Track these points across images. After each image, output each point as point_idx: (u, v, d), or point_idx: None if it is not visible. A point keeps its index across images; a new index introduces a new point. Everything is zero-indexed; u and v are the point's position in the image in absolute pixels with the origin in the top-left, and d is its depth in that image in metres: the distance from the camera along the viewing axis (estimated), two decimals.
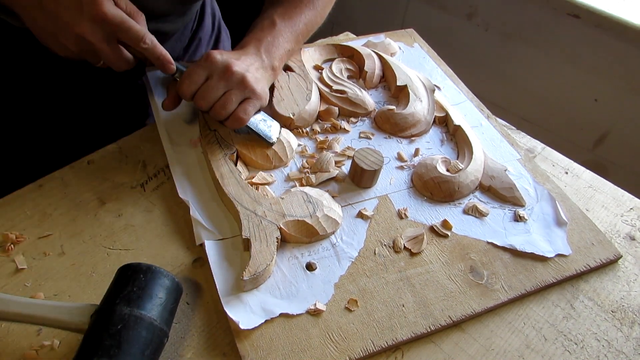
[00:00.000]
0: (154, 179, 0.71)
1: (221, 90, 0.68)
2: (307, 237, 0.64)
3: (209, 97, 0.68)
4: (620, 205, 0.77)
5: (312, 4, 0.81)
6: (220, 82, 0.68)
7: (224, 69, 0.68)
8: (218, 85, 0.68)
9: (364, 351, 0.56)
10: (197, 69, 0.68)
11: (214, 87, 0.68)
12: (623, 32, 1.37)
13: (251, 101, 0.70)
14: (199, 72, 0.68)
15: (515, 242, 0.67)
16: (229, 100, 0.68)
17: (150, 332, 0.50)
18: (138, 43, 0.63)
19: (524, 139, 0.87)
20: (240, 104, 0.70)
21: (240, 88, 0.69)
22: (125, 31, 0.61)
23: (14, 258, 0.61)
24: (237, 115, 0.69)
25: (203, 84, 0.68)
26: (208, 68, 0.68)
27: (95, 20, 0.59)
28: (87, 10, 0.58)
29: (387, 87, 0.89)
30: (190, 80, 0.68)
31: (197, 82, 0.68)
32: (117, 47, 0.63)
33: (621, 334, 0.62)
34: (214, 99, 0.68)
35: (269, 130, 0.73)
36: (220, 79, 0.68)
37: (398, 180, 0.74)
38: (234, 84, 0.68)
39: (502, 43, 1.63)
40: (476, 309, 0.61)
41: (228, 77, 0.68)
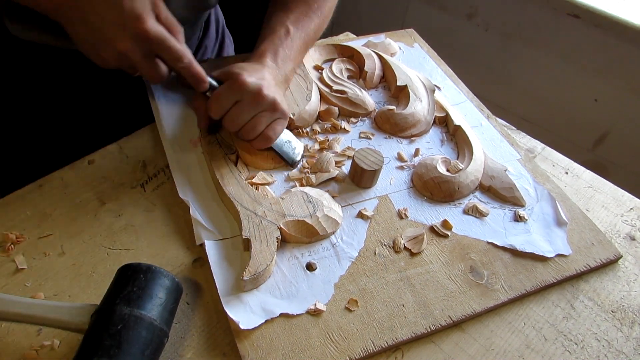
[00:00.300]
0: (154, 179, 0.71)
1: (251, 114, 0.68)
2: (307, 237, 0.64)
3: (239, 120, 0.68)
4: (620, 205, 0.77)
5: (320, 10, 0.82)
6: (251, 105, 0.67)
7: (255, 93, 0.67)
8: (249, 110, 0.67)
9: (364, 351, 0.56)
10: (226, 93, 0.67)
11: (244, 112, 0.67)
12: (623, 32, 1.37)
13: (280, 121, 0.71)
14: (228, 97, 0.67)
15: (516, 242, 0.67)
16: (260, 123, 0.68)
17: (151, 332, 0.50)
18: (176, 62, 0.63)
19: (524, 139, 0.87)
20: (269, 124, 0.70)
21: (271, 110, 0.69)
22: (165, 50, 0.62)
23: (14, 258, 0.61)
24: (265, 135, 0.69)
25: (232, 107, 0.67)
26: (238, 92, 0.67)
27: (137, 38, 0.59)
28: (130, 26, 0.59)
29: (387, 87, 0.90)
30: (219, 105, 0.67)
31: (225, 107, 0.67)
32: (155, 62, 0.63)
33: (621, 334, 0.62)
34: (243, 122, 0.68)
35: (292, 152, 0.73)
36: (251, 103, 0.67)
37: (398, 180, 0.74)
38: (265, 107, 0.68)
39: (502, 43, 1.63)
40: (476, 309, 0.61)
41: (259, 101, 0.67)
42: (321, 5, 0.82)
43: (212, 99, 0.67)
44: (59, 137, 0.89)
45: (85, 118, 0.88)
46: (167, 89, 0.81)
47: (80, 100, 0.87)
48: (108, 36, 0.59)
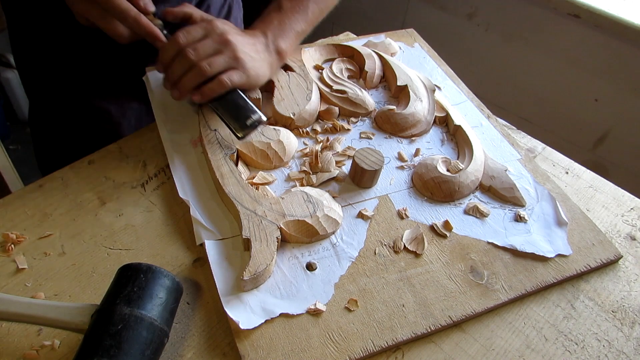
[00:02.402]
0: (154, 179, 0.71)
1: (213, 50, 0.67)
2: (308, 237, 0.64)
3: (201, 50, 0.67)
4: (621, 205, 0.77)
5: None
6: (214, 44, 0.68)
7: (221, 34, 0.68)
8: (212, 45, 0.67)
9: (364, 351, 0.56)
10: (196, 26, 0.68)
11: (207, 45, 0.67)
12: (623, 32, 1.37)
13: (238, 72, 0.69)
14: (197, 29, 0.68)
15: (516, 242, 0.67)
16: (217, 61, 0.67)
17: (151, 332, 0.50)
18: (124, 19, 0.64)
19: (524, 139, 0.87)
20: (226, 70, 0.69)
21: (231, 56, 0.68)
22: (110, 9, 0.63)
23: (14, 258, 0.61)
24: (220, 79, 0.68)
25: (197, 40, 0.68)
26: (206, 29, 0.68)
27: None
28: None
29: (388, 87, 0.89)
30: (188, 33, 0.67)
31: (194, 37, 0.68)
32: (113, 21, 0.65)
33: (622, 334, 0.62)
34: (205, 54, 0.67)
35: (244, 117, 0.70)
36: (215, 42, 0.68)
37: (398, 180, 0.74)
38: (227, 52, 0.68)
39: (503, 43, 1.63)
40: (476, 309, 0.61)
41: (222, 42, 0.68)
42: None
43: (180, 30, 0.68)
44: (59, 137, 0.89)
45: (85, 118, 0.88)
46: (165, 89, 0.81)
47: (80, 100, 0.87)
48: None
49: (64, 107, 0.88)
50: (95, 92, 0.87)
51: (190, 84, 0.68)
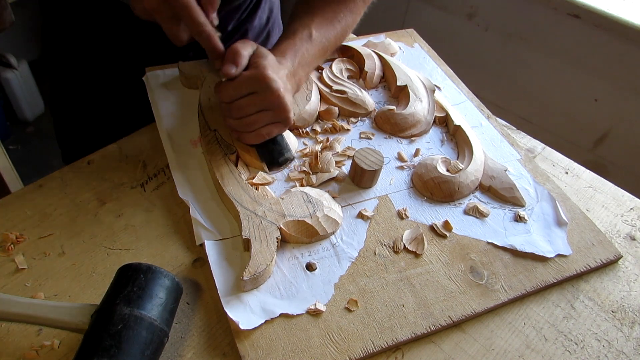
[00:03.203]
0: (154, 179, 0.71)
1: (258, 108, 0.66)
2: (307, 237, 0.64)
3: (246, 110, 0.66)
4: (621, 206, 0.77)
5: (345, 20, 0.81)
6: (264, 102, 0.66)
7: (273, 92, 0.65)
8: (260, 105, 0.66)
9: (364, 351, 0.56)
10: (247, 82, 0.65)
11: (255, 104, 0.66)
12: (623, 32, 1.37)
13: (280, 126, 0.69)
14: (247, 87, 0.65)
15: (516, 242, 0.67)
16: (262, 120, 0.67)
17: (151, 332, 0.50)
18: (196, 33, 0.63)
19: (524, 139, 0.87)
20: (268, 124, 0.68)
21: (278, 113, 0.67)
22: (186, 18, 0.61)
23: (14, 258, 0.61)
24: (259, 133, 0.68)
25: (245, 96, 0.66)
26: (258, 85, 0.65)
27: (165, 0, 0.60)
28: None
29: (387, 87, 0.90)
30: (235, 90, 0.66)
31: (240, 94, 0.66)
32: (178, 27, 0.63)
33: (621, 334, 0.62)
34: (248, 113, 0.66)
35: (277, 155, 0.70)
36: (265, 100, 0.66)
37: (398, 180, 0.74)
38: (275, 108, 0.66)
39: (503, 43, 1.63)
40: (476, 309, 0.61)
41: (273, 101, 0.66)
42: (346, 15, 0.81)
43: (230, 83, 0.66)
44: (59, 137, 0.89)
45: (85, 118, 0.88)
46: (167, 89, 0.81)
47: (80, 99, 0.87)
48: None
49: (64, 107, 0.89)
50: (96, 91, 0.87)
51: (233, 129, 0.70)
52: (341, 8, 0.80)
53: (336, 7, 0.80)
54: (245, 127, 0.67)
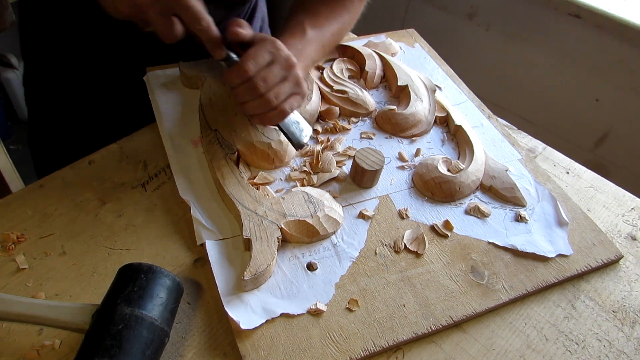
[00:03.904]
0: (155, 179, 0.71)
1: (280, 78, 0.65)
2: (308, 237, 0.64)
3: (270, 80, 0.64)
4: (622, 205, 0.77)
5: (340, 16, 0.80)
6: (283, 68, 0.65)
7: (287, 58, 0.65)
8: (279, 72, 0.65)
9: (365, 351, 0.56)
10: (262, 51, 0.64)
11: (276, 75, 0.65)
12: (624, 32, 1.37)
13: (298, 97, 0.68)
14: (264, 55, 0.64)
15: (516, 242, 0.67)
16: (283, 91, 0.66)
17: (151, 332, 0.50)
18: (193, 24, 0.60)
19: (525, 139, 0.87)
20: (287, 97, 0.67)
21: (294, 82, 0.67)
22: (184, 9, 0.59)
23: (15, 258, 0.61)
24: (281, 109, 0.66)
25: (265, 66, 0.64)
26: (274, 52, 0.65)
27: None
28: None
29: (388, 87, 0.89)
30: (255, 62, 0.63)
31: (261, 64, 0.64)
32: (171, 20, 0.60)
33: (622, 334, 0.62)
34: (273, 84, 0.65)
35: (300, 133, 0.70)
36: (284, 66, 0.65)
37: (399, 180, 0.74)
38: (292, 77, 0.66)
39: (503, 43, 1.63)
40: (477, 309, 0.60)
41: (290, 68, 0.65)
42: (342, 13, 0.80)
43: (247, 57, 0.63)
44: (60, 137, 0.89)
45: (86, 118, 0.88)
46: (168, 89, 0.81)
47: (81, 99, 0.87)
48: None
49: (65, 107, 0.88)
50: (96, 91, 0.87)
51: (255, 111, 0.67)
52: (337, 6, 0.80)
53: (331, 5, 0.79)
54: (270, 103, 0.65)
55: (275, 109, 0.66)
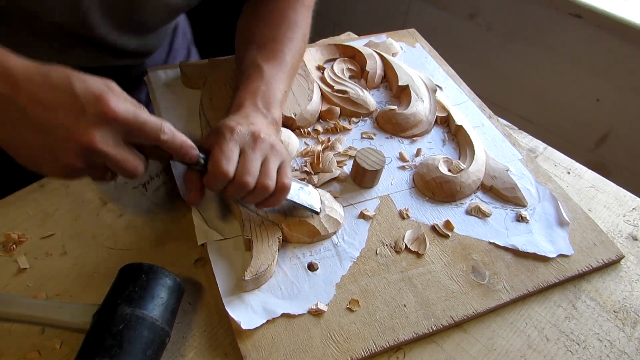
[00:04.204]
0: (156, 178, 0.71)
1: (259, 160, 0.59)
2: (309, 237, 0.64)
3: (253, 169, 0.57)
4: (623, 206, 0.77)
5: (291, 32, 0.75)
6: (256, 151, 0.58)
7: (252, 137, 0.59)
8: (256, 155, 0.58)
9: (366, 351, 0.56)
10: (228, 143, 0.57)
11: (253, 159, 0.58)
12: (625, 32, 1.36)
13: (287, 164, 0.62)
14: (232, 147, 0.57)
15: (517, 242, 0.67)
16: (271, 168, 0.59)
17: (152, 332, 0.50)
18: (157, 136, 0.50)
19: (525, 139, 0.87)
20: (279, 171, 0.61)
21: (274, 153, 0.60)
22: (141, 126, 0.49)
23: (16, 258, 0.61)
24: (281, 184, 0.59)
25: (239, 160, 0.58)
26: (238, 141, 0.57)
27: (105, 122, 0.46)
28: (93, 111, 0.46)
29: (389, 87, 0.89)
30: (227, 158, 0.56)
31: (234, 158, 0.57)
32: (130, 150, 0.50)
33: (623, 334, 0.62)
34: (256, 171, 0.58)
35: (310, 198, 0.65)
36: (255, 148, 0.58)
37: (400, 180, 0.74)
38: (268, 150, 0.59)
39: (504, 43, 1.63)
40: (478, 309, 0.60)
41: (259, 144, 0.59)
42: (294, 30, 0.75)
43: (215, 157, 0.56)
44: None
45: None
46: (168, 89, 0.81)
47: None
48: (63, 133, 0.45)
49: None
50: None
51: (256, 200, 0.60)
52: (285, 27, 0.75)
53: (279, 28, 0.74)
54: (267, 189, 0.58)
55: (274, 192, 0.60)
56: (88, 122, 0.46)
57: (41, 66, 0.47)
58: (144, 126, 0.49)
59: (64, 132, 0.46)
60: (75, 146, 0.46)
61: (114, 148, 0.48)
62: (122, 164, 0.49)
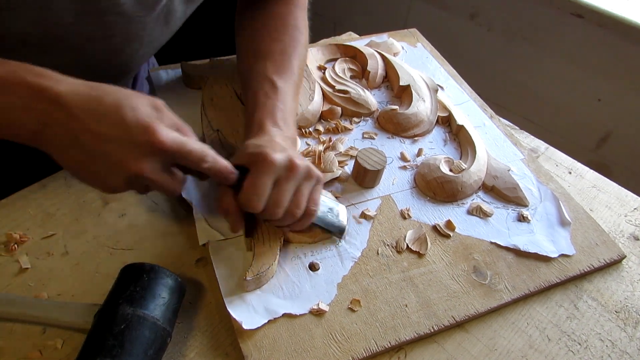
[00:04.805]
0: None
1: (292, 191, 0.59)
2: (310, 237, 0.64)
3: (283, 202, 0.58)
4: (624, 205, 0.77)
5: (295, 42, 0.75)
6: (289, 182, 0.58)
7: (288, 167, 0.58)
8: (288, 186, 0.58)
9: (367, 351, 0.56)
10: (261, 177, 0.56)
11: (285, 191, 0.58)
12: (627, 31, 1.36)
13: (317, 189, 0.62)
14: (265, 182, 0.57)
15: (519, 242, 0.67)
16: (302, 197, 0.59)
17: (153, 332, 0.50)
18: (200, 164, 0.53)
19: (527, 139, 0.87)
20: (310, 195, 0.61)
21: (307, 179, 0.60)
22: (186, 155, 0.52)
23: (17, 258, 0.61)
24: (309, 211, 0.60)
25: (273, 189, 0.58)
26: (272, 172, 0.57)
27: (152, 153, 0.49)
28: (141, 141, 0.48)
29: (390, 87, 0.89)
30: (258, 194, 0.56)
31: (266, 193, 0.57)
32: (174, 173, 0.54)
33: (625, 334, 0.62)
34: (287, 203, 0.58)
35: (337, 220, 0.65)
36: (289, 179, 0.58)
37: (401, 180, 0.74)
38: (302, 177, 0.59)
39: (505, 43, 1.63)
40: (479, 309, 0.60)
41: (295, 174, 0.58)
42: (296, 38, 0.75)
43: (247, 190, 0.56)
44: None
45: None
46: (168, 89, 0.81)
47: None
48: (114, 160, 0.49)
49: None
50: None
51: (279, 225, 0.62)
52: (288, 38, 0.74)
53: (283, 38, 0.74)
54: (294, 216, 0.59)
55: (301, 218, 0.60)
56: (138, 152, 0.49)
57: (92, 89, 0.49)
58: (189, 155, 0.52)
59: (114, 160, 0.49)
60: (125, 173, 0.49)
61: (159, 174, 0.51)
62: (164, 187, 0.53)
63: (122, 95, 0.50)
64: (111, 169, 0.50)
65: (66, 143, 0.49)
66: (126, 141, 0.48)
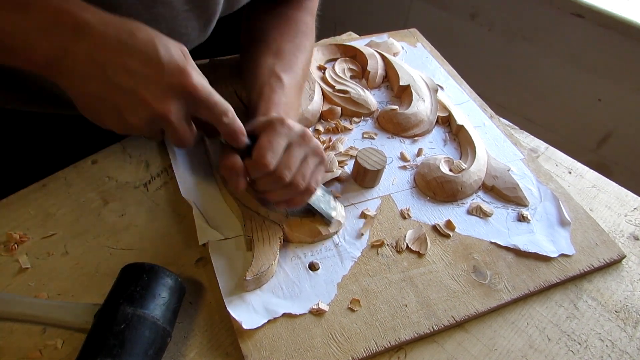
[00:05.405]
0: (157, 178, 0.71)
1: (301, 158, 0.59)
2: (310, 237, 0.64)
3: (293, 165, 0.58)
4: (624, 205, 0.77)
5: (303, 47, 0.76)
6: (301, 147, 0.59)
7: (302, 134, 0.59)
8: (299, 152, 0.59)
9: (367, 351, 0.56)
10: (277, 137, 0.57)
11: (296, 155, 0.58)
12: (627, 31, 1.36)
13: (321, 168, 0.63)
14: (280, 141, 0.57)
15: (519, 242, 0.67)
16: (308, 168, 0.60)
17: (154, 332, 0.50)
18: (221, 117, 0.52)
19: (527, 139, 0.87)
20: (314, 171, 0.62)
21: (316, 155, 0.61)
22: (212, 106, 0.51)
23: (17, 258, 0.61)
24: (308, 188, 0.61)
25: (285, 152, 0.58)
26: (287, 134, 0.58)
27: (182, 96, 0.49)
28: (175, 83, 0.47)
29: (390, 87, 0.89)
30: (273, 151, 0.56)
31: (280, 152, 0.57)
32: (191, 123, 0.53)
33: (625, 334, 0.62)
34: (296, 168, 0.58)
35: (328, 207, 0.66)
36: (301, 144, 0.59)
37: (401, 180, 0.74)
38: (311, 151, 0.60)
39: (505, 43, 1.63)
40: (479, 309, 0.60)
41: (307, 142, 0.59)
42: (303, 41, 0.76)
43: (261, 148, 0.56)
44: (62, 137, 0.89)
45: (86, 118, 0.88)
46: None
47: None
48: (140, 97, 0.47)
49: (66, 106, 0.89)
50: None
51: (281, 198, 0.61)
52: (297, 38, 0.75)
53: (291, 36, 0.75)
54: (298, 187, 0.59)
55: (302, 191, 0.61)
56: (168, 92, 0.47)
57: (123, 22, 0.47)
58: (214, 107, 0.51)
59: (140, 98, 0.47)
60: (148, 112, 0.47)
61: (180, 121, 0.50)
62: (181, 135, 0.51)
63: (155, 34, 0.47)
64: (134, 106, 0.47)
65: (87, 73, 0.46)
66: (157, 80, 0.47)
